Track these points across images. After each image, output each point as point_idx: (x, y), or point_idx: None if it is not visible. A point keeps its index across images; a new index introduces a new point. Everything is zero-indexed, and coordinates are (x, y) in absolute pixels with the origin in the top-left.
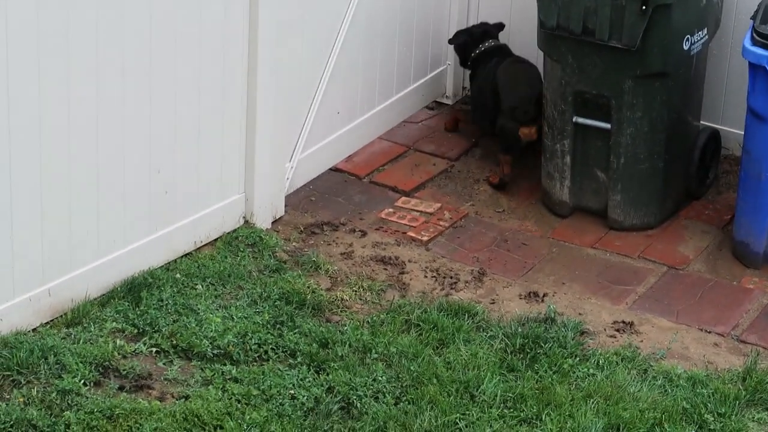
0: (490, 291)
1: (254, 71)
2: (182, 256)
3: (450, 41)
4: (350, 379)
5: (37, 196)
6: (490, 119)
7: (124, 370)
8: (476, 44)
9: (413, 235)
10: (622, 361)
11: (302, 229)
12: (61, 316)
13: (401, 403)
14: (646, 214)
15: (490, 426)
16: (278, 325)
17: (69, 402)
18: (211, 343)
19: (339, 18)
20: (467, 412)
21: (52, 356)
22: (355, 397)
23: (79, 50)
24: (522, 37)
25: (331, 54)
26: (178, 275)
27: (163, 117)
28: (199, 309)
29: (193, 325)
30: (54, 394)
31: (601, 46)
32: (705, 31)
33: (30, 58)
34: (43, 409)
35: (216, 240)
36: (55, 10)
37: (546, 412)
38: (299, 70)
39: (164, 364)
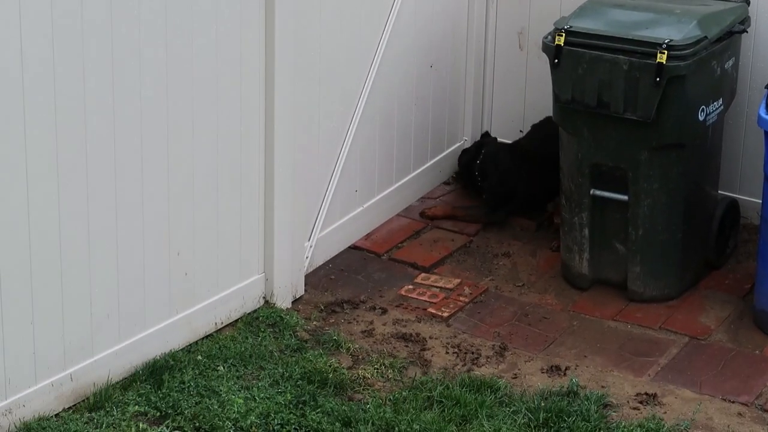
0: (512, 366)
1: (271, 151)
2: (203, 338)
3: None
4: None
5: (57, 280)
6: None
7: None
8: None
9: (434, 311)
10: None
11: (322, 307)
12: (84, 400)
13: None
14: (666, 286)
15: None
16: (300, 405)
17: None
18: (234, 424)
19: (355, 96)
20: None
21: None
22: None
23: (97, 136)
24: (540, 117)
25: (348, 132)
26: (199, 357)
27: (182, 199)
28: (221, 390)
29: (216, 407)
30: None
31: (616, 119)
32: (720, 101)
33: (48, 147)
34: None
35: (237, 321)
36: (73, 113)
37: None
38: (317, 149)
39: None
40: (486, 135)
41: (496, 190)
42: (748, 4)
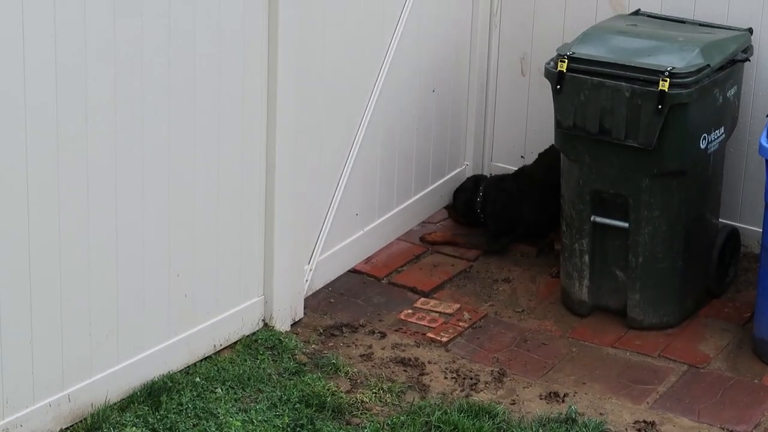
0: (511, 392)
1: (272, 175)
2: (202, 360)
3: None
4: None
5: (56, 300)
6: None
7: None
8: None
9: (433, 336)
10: None
11: (321, 331)
12: (81, 421)
13: None
14: (666, 313)
15: None
16: (298, 429)
17: None
18: None
19: (357, 119)
20: None
21: None
22: None
23: (98, 157)
24: (542, 143)
25: (350, 155)
26: (197, 379)
27: (182, 221)
28: (218, 413)
29: (213, 430)
30: None
31: (617, 146)
32: (722, 129)
33: (49, 168)
34: None
35: (236, 343)
36: (74, 134)
37: None
38: (318, 172)
39: None
40: (477, 177)
41: (500, 216)
42: (751, 32)
